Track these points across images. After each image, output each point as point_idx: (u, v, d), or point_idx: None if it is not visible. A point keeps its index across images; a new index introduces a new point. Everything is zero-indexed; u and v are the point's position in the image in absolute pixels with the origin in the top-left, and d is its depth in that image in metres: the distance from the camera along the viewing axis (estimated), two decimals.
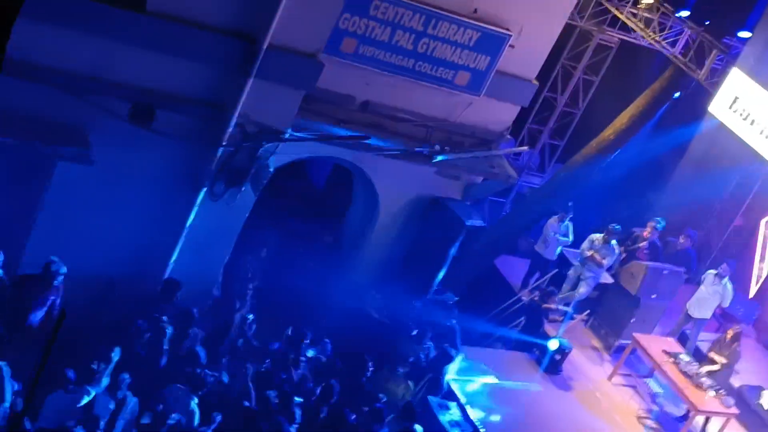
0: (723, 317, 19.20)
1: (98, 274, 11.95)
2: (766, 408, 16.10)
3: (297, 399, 11.47)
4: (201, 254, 12.70)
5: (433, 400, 13.57)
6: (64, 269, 11.13)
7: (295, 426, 11.15)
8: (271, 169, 12.23)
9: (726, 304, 17.37)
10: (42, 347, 6.89)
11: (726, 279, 16.90)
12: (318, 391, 11.98)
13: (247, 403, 11.36)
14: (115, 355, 10.77)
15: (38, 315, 11.19)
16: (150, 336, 11.59)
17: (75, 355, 10.74)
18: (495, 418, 14.04)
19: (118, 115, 11.07)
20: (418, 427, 11.78)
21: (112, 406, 10.46)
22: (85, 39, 10.54)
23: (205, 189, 12.10)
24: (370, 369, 12.81)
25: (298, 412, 11.25)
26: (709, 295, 16.87)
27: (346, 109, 13.04)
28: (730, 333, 16.09)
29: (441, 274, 14.81)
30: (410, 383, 13.25)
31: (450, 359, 13.80)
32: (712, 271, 17.08)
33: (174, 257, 12.52)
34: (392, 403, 12.62)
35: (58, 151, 10.87)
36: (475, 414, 13.58)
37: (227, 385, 11.60)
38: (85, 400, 10.31)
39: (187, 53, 11.11)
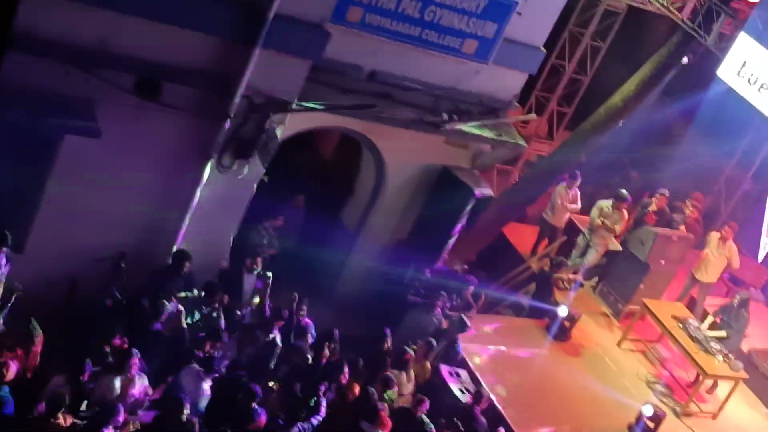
0: (732, 281, 19.22)
1: (108, 248, 11.97)
2: None
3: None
4: (210, 226, 12.72)
5: (444, 368, 13.64)
6: None
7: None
8: (279, 140, 12.23)
9: (736, 265, 17.39)
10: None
11: (730, 241, 16.93)
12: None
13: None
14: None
15: None
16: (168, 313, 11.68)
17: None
18: (505, 384, 14.12)
19: (124, 88, 11.05)
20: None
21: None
22: (90, 12, 10.50)
23: (212, 161, 12.11)
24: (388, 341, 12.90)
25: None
26: (715, 258, 16.89)
27: (353, 78, 12.99)
28: (737, 298, 16.12)
29: (450, 243, 14.83)
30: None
31: (464, 327, 13.84)
32: (716, 234, 17.08)
33: (183, 229, 12.54)
34: None
35: (66, 124, 10.87)
36: (485, 381, 13.64)
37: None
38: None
39: (192, 24, 11.07)
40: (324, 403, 11.36)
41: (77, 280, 11.87)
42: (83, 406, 10.15)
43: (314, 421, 11.19)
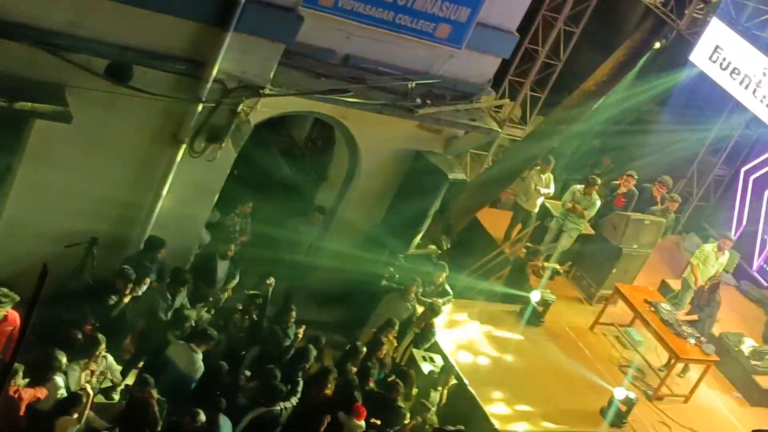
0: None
1: (79, 234, 11.88)
2: (746, 354, 16.31)
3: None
4: (182, 212, 12.66)
5: (417, 352, 13.67)
6: None
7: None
8: (252, 125, 12.17)
9: (731, 269, 17.49)
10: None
11: (727, 252, 16.88)
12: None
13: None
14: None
15: None
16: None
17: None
18: (479, 369, 14.17)
19: (95, 72, 10.94)
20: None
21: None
22: None
23: (185, 146, 12.03)
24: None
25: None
26: (707, 270, 16.77)
27: (326, 63, 12.93)
28: (708, 283, 16.22)
29: (424, 228, 14.82)
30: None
31: (435, 313, 13.86)
32: (712, 248, 16.92)
33: (155, 215, 12.46)
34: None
35: (36, 109, 10.76)
36: (459, 365, 13.68)
37: None
38: None
39: (164, 8, 10.96)
40: (299, 386, 11.37)
41: (47, 266, 11.75)
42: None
43: (294, 400, 11.20)
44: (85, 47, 10.76)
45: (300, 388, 11.40)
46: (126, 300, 11.51)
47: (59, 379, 10.04)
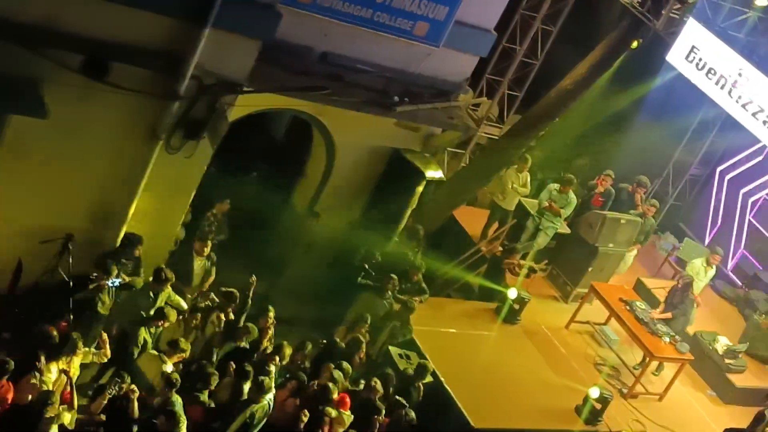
0: (678, 264, 19.49)
1: (55, 230, 11.81)
2: (720, 353, 16.42)
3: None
4: (159, 208, 12.61)
5: (394, 350, 13.67)
6: None
7: None
8: (229, 122, 12.13)
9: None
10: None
11: (714, 267, 16.95)
12: None
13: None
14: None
15: None
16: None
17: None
18: (454, 367, 14.18)
19: (71, 67, 10.87)
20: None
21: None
22: None
23: (161, 142, 11.98)
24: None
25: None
26: (702, 282, 16.85)
27: (304, 60, 12.93)
28: (681, 282, 16.31)
29: (401, 226, 14.84)
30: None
31: (411, 310, 13.88)
32: (701, 262, 16.93)
33: (131, 211, 12.41)
34: None
35: (12, 104, 10.69)
36: (435, 363, 13.69)
37: None
38: None
39: (141, 3, 10.91)
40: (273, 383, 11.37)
41: (23, 262, 11.72)
42: None
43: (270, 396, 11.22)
44: (62, 42, 10.70)
45: (272, 386, 11.36)
46: (92, 287, 11.44)
47: (37, 378, 10.00)
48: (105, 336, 11.06)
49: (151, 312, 11.78)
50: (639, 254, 18.34)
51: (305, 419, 11.09)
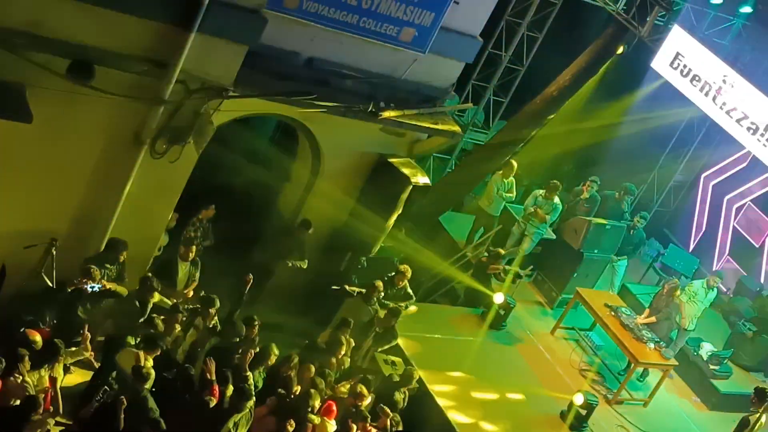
0: (663, 269, 19.56)
1: (38, 234, 11.75)
2: (705, 359, 16.47)
3: None
4: (143, 213, 12.56)
5: (379, 356, 13.65)
6: None
7: None
8: (214, 126, 12.10)
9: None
10: None
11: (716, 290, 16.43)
12: None
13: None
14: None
15: None
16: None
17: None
18: (440, 373, 14.19)
19: (56, 72, 10.82)
20: None
21: None
22: None
23: (146, 147, 11.94)
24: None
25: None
26: (696, 306, 16.15)
27: (290, 65, 12.90)
28: (666, 287, 16.35)
29: (387, 231, 14.82)
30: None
31: (396, 316, 13.85)
32: (701, 284, 16.30)
33: (116, 216, 12.36)
34: None
35: None
36: (420, 369, 13.67)
37: None
38: None
39: (127, 7, 10.87)
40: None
41: (6, 266, 11.65)
42: None
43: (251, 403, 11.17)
44: (46, 46, 10.65)
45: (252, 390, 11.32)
46: (70, 290, 11.37)
47: (18, 380, 9.95)
48: (87, 333, 10.98)
49: (140, 320, 11.74)
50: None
51: (291, 430, 11.03)
